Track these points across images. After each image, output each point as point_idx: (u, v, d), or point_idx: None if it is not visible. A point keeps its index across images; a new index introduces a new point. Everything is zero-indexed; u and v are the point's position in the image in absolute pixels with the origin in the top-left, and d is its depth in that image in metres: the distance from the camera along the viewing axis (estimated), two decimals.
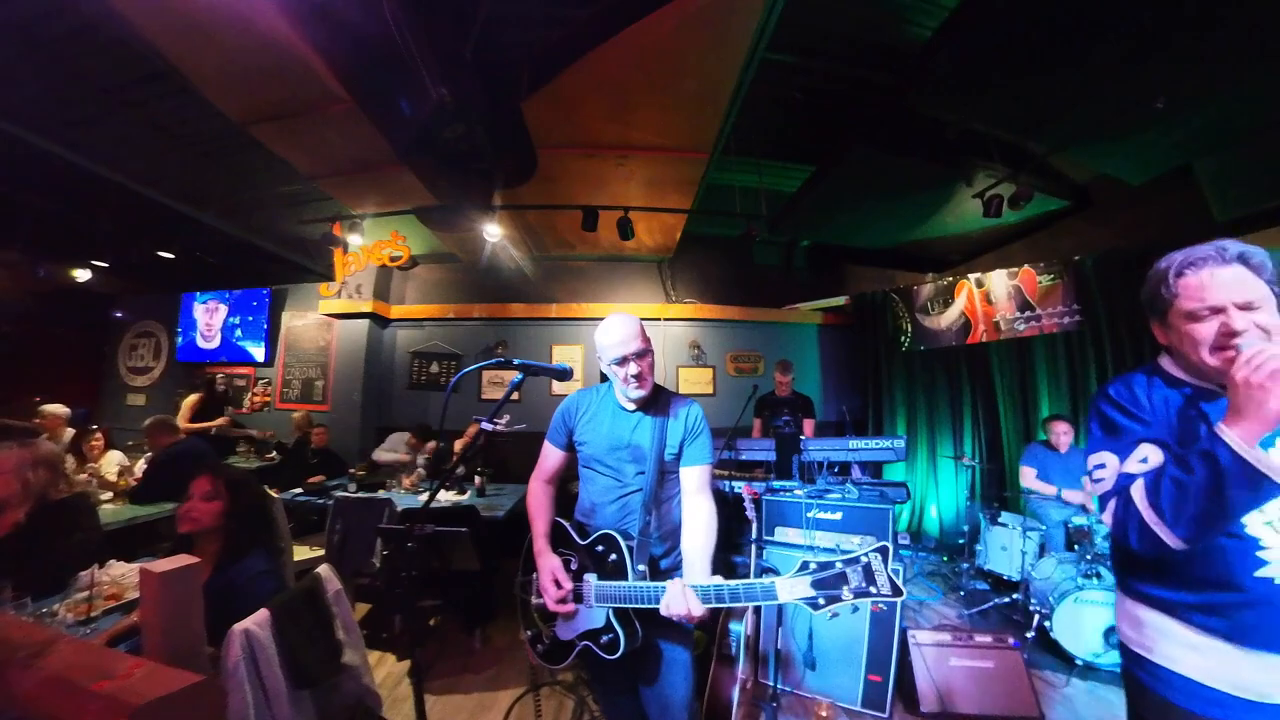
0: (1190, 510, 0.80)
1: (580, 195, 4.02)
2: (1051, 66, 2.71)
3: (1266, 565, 0.85)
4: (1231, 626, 0.87)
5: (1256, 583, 0.85)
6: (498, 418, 1.33)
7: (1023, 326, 4.36)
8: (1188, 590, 0.91)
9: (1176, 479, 0.82)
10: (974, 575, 3.65)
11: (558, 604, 1.33)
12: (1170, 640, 0.93)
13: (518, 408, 5.08)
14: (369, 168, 3.41)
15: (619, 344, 1.36)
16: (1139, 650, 0.99)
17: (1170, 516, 0.82)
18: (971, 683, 2.26)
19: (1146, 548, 0.86)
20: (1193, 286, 0.89)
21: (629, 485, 1.40)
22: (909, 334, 5.10)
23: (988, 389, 4.63)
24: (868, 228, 4.95)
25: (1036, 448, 3.65)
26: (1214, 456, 0.78)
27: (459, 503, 3.20)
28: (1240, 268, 0.87)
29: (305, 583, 1.60)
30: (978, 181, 3.85)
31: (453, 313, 5.49)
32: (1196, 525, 0.81)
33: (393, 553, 2.39)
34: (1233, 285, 0.86)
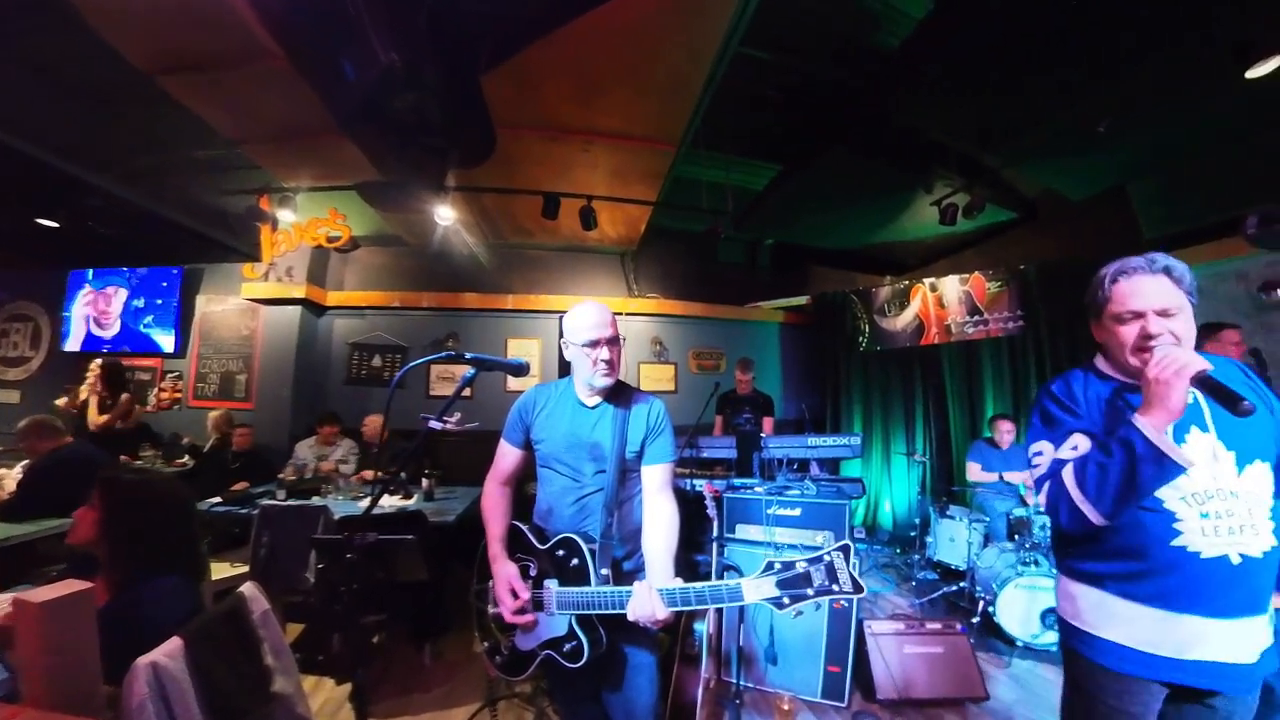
0: (1110, 489, 0.95)
1: (541, 180, 3.91)
2: (1007, 86, 2.94)
3: (1180, 535, 0.99)
4: (1152, 593, 1.01)
5: (1172, 551, 0.99)
6: (448, 416, 1.24)
7: (971, 330, 4.67)
8: (1114, 562, 1.05)
9: (1099, 462, 0.97)
10: (924, 566, 3.90)
11: (515, 614, 1.30)
12: (1100, 611, 1.07)
13: (469, 405, 4.89)
14: (304, 135, 3.14)
15: (593, 326, 1.35)
16: (1074, 622, 1.12)
17: (1094, 495, 0.97)
18: (924, 668, 2.43)
19: (1074, 525, 1.01)
20: (1122, 292, 1.04)
21: (588, 485, 1.38)
22: (867, 334, 5.34)
23: (939, 388, 4.94)
24: (831, 229, 5.14)
25: (981, 444, 3.98)
26: (1130, 442, 0.94)
27: (405, 508, 3.06)
28: (1164, 278, 1.01)
29: (226, 604, 1.45)
30: (936, 189, 4.10)
31: (398, 301, 5.19)
32: (1115, 502, 0.96)
33: (329, 565, 2.24)
34: (1154, 294, 1.01)
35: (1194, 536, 0.98)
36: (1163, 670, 1.00)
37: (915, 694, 2.36)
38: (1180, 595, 0.98)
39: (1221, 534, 0.97)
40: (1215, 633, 0.97)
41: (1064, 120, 3.15)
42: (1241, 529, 0.97)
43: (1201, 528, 0.98)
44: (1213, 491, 0.99)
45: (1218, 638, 0.97)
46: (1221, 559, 0.97)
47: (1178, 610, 0.98)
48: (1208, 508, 0.98)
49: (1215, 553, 0.97)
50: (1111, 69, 2.73)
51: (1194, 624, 0.97)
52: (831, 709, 2.34)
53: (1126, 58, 2.65)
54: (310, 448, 3.96)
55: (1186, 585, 0.98)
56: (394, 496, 3.23)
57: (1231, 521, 0.97)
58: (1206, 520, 0.98)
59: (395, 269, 5.33)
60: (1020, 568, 2.89)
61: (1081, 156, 3.54)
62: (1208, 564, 0.97)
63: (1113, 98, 2.92)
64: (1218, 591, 0.97)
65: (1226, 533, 0.97)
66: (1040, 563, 2.89)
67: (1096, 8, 2.36)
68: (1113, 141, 3.26)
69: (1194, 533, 0.98)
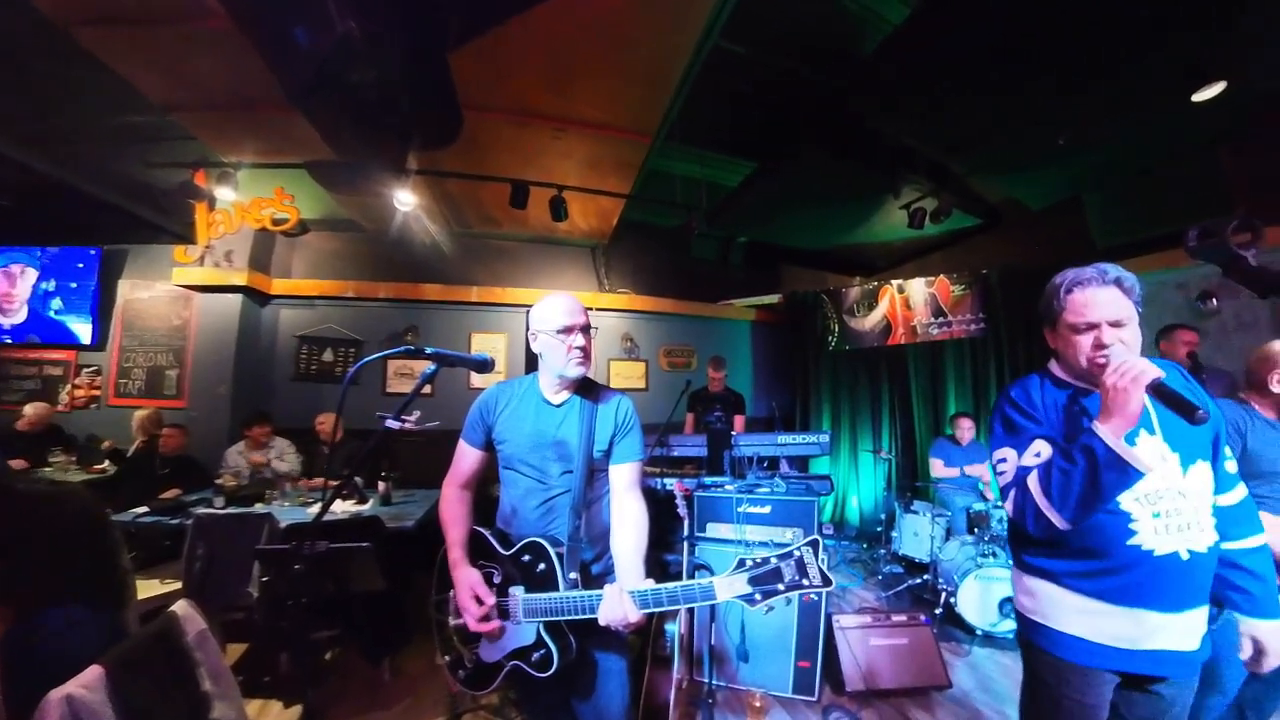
0: (1074, 495, 0.99)
1: (510, 167, 3.80)
2: (975, 97, 3.09)
3: (1135, 535, 1.06)
4: (1109, 589, 1.07)
5: (1129, 550, 1.06)
6: (406, 414, 1.19)
7: (936, 331, 4.89)
8: (1074, 560, 1.11)
9: (1062, 469, 1.02)
10: (890, 560, 4.07)
11: (480, 623, 1.26)
12: (1059, 606, 1.13)
13: (430, 403, 4.72)
14: (248, 106, 2.92)
15: (567, 312, 1.33)
16: (1034, 617, 1.18)
17: (1058, 501, 1.01)
18: (890, 660, 2.54)
19: (1041, 530, 1.06)
20: (1077, 303, 1.09)
21: (554, 487, 1.35)
22: (837, 334, 5.49)
23: (904, 388, 5.14)
24: (803, 229, 5.26)
25: (943, 441, 4.19)
26: (1091, 449, 0.98)
27: (359, 513, 2.92)
28: (1115, 289, 1.07)
29: (155, 626, 1.33)
30: (905, 194, 4.27)
31: (352, 291, 4.93)
32: (1079, 507, 1.00)
33: (275, 578, 2.11)
34: (1107, 305, 1.06)
35: (1148, 535, 1.05)
36: (1120, 661, 1.07)
37: (882, 685, 2.46)
38: (1138, 591, 1.05)
39: (1172, 532, 1.05)
40: (1168, 625, 1.05)
41: (1027, 133, 3.36)
42: (1189, 526, 1.05)
43: (1154, 527, 1.05)
44: (1163, 492, 1.06)
45: (1170, 629, 1.05)
46: (1173, 555, 1.04)
47: (1136, 605, 1.05)
48: (1159, 507, 1.05)
49: (1167, 550, 1.04)
50: (1072, 87, 2.92)
51: (1150, 618, 1.05)
52: (802, 704, 2.40)
53: (1086, 77, 2.84)
54: (240, 453, 3.70)
55: (1143, 581, 1.05)
56: (347, 502, 3.07)
57: (1180, 520, 1.05)
58: (1159, 519, 1.05)
59: (349, 256, 5.05)
60: (979, 559, 3.04)
61: (1042, 168, 3.79)
62: (1161, 561, 1.04)
63: (1072, 114, 3.12)
64: (1171, 586, 1.05)
65: (1177, 530, 1.05)
66: (998, 555, 3.05)
67: (1061, 29, 2.52)
68: (1071, 155, 3.50)
69: (1148, 532, 1.05)
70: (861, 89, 3.28)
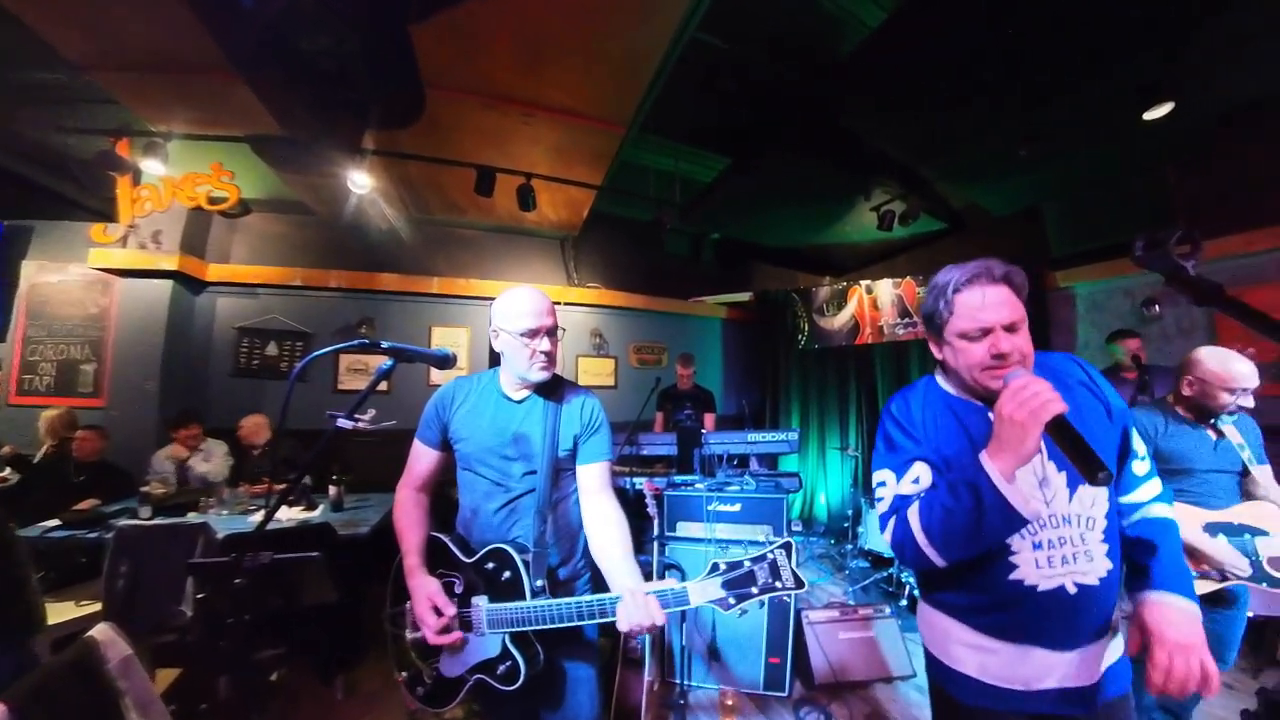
0: (955, 537, 0.91)
1: (475, 152, 3.67)
2: (945, 105, 3.23)
3: (1016, 569, 0.97)
4: (997, 625, 1.00)
5: (1010, 585, 0.97)
6: (360, 413, 1.13)
7: (902, 331, 5.07)
8: (963, 594, 1.04)
9: (946, 507, 0.92)
10: (857, 555, 4.21)
11: (439, 636, 1.21)
12: (954, 641, 1.06)
13: (386, 401, 4.53)
14: (181, 69, 2.67)
15: (533, 313, 1.28)
16: (933, 651, 1.12)
17: (939, 541, 0.93)
18: (858, 652, 2.63)
19: (919, 565, 0.99)
20: (968, 305, 0.97)
21: (516, 488, 1.31)
22: (806, 332, 5.62)
23: (870, 386, 5.32)
24: (776, 227, 5.34)
25: None
26: (977, 489, 0.88)
27: (308, 520, 2.79)
28: (1005, 288, 0.97)
29: (70, 654, 1.21)
30: (876, 196, 4.41)
31: (300, 279, 4.64)
32: (959, 549, 0.93)
33: (212, 594, 1.94)
34: (1000, 306, 0.95)
35: (1029, 570, 0.96)
36: (1015, 701, 0.99)
37: (851, 677, 2.55)
38: (1024, 629, 0.98)
39: (1055, 564, 0.96)
40: (1060, 663, 0.97)
41: (992, 142, 3.54)
42: (1075, 558, 0.96)
43: (1035, 559, 0.96)
44: (1044, 520, 0.97)
45: (1064, 667, 0.97)
46: (1058, 590, 0.96)
47: (1024, 643, 0.98)
48: (1040, 538, 0.97)
49: (1051, 585, 0.96)
50: (1035, 101, 3.10)
51: (1040, 656, 0.97)
52: (774, 700, 2.45)
53: (1049, 92, 3.03)
54: (169, 456, 3.42)
55: (1028, 619, 0.97)
56: (294, 508, 2.89)
57: (1065, 550, 0.96)
58: (1039, 551, 0.96)
59: (297, 241, 4.75)
60: None
61: (1005, 177, 4.01)
62: (1045, 596, 0.96)
63: (1035, 127, 3.32)
64: (1058, 624, 0.96)
65: (1060, 562, 0.96)
66: None
67: (1026, 45, 2.67)
68: (1032, 165, 3.71)
69: (1028, 565, 0.97)
70: (837, 90, 3.36)
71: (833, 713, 2.35)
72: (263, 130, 3.22)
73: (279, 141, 3.34)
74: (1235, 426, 1.80)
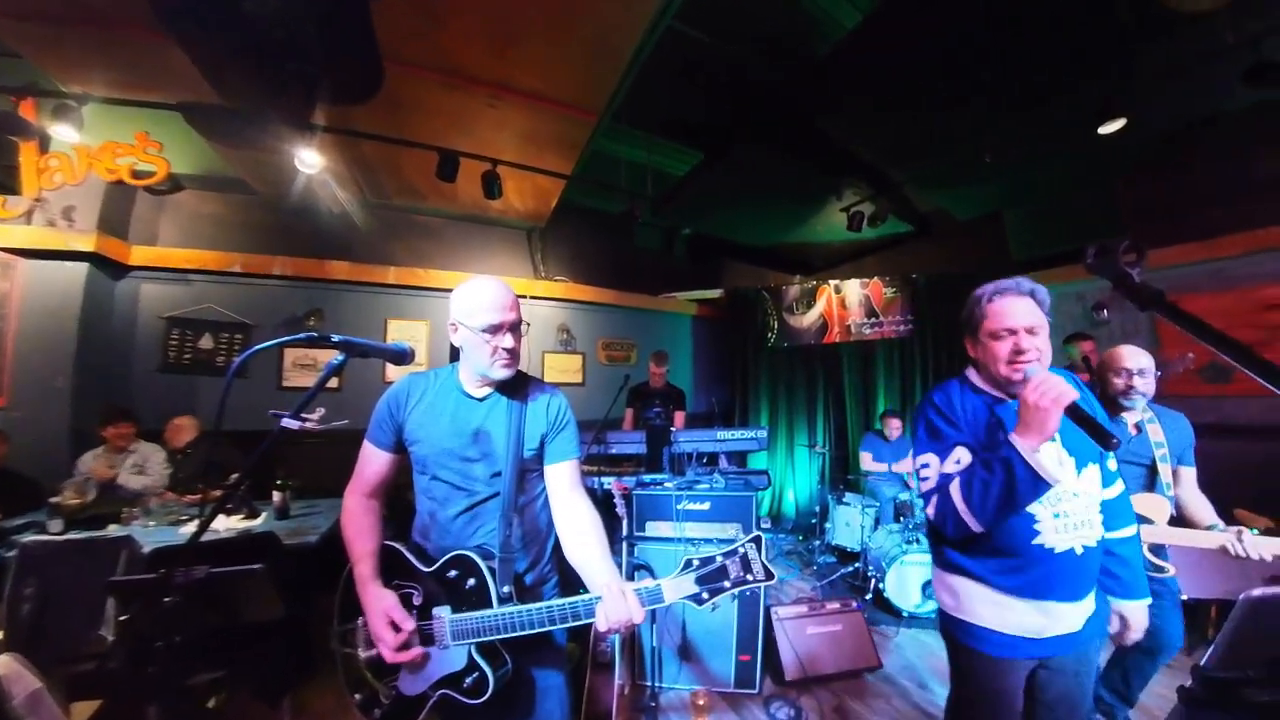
0: (992, 504, 1.11)
1: (438, 134, 3.50)
2: (915, 110, 3.35)
3: (1039, 535, 1.20)
4: (1021, 584, 1.21)
5: (1034, 549, 1.20)
6: (307, 412, 1.06)
7: (868, 331, 5.24)
8: (989, 560, 1.25)
9: (983, 479, 1.12)
10: (824, 550, 4.33)
11: (398, 653, 1.15)
12: (977, 600, 1.27)
13: (337, 399, 4.27)
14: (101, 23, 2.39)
15: (495, 308, 1.22)
16: (956, 614, 1.31)
17: (978, 509, 1.13)
18: (826, 646, 2.71)
19: (958, 533, 1.19)
20: (997, 311, 1.22)
21: (479, 492, 1.26)
22: (776, 330, 5.71)
23: (838, 384, 5.47)
24: (748, 224, 5.40)
25: (871, 436, 4.54)
26: (1009, 463, 1.09)
27: (250, 529, 2.59)
28: (1030, 300, 1.22)
29: None
30: (846, 197, 4.50)
31: (239, 265, 4.30)
32: (995, 515, 1.13)
33: (138, 615, 1.77)
34: (1024, 313, 1.19)
35: (1049, 535, 1.20)
36: (1031, 649, 1.23)
37: (819, 671, 2.62)
38: (1043, 585, 1.20)
39: (1069, 530, 1.20)
40: (1067, 613, 1.22)
41: (959, 149, 3.70)
42: (1082, 524, 1.21)
43: (1055, 526, 1.20)
44: (1061, 494, 1.20)
45: (1069, 616, 1.22)
46: (1069, 552, 1.20)
47: (1042, 598, 1.20)
48: (1059, 508, 1.20)
49: (1065, 547, 1.20)
50: (1000, 112, 3.28)
51: (1053, 608, 1.21)
52: (745, 698, 2.48)
53: (1013, 104, 3.20)
54: (99, 457, 3.11)
55: (1047, 576, 1.20)
56: (233, 517, 2.67)
57: (1075, 519, 1.21)
58: (1058, 520, 1.20)
59: (236, 223, 4.39)
60: (905, 546, 3.31)
61: (969, 183, 4.22)
62: (1061, 557, 1.19)
63: (999, 136, 3.49)
64: (1069, 579, 1.21)
65: (1073, 529, 1.20)
66: (920, 541, 3.34)
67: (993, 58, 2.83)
68: (994, 173, 3.90)
69: (1049, 531, 1.20)
70: (813, 90, 3.41)
71: (802, 707, 2.40)
72: (197, 98, 2.94)
73: (216, 111, 3.06)
74: (1160, 425, 1.97)
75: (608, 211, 5.07)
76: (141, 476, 3.12)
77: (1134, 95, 3.09)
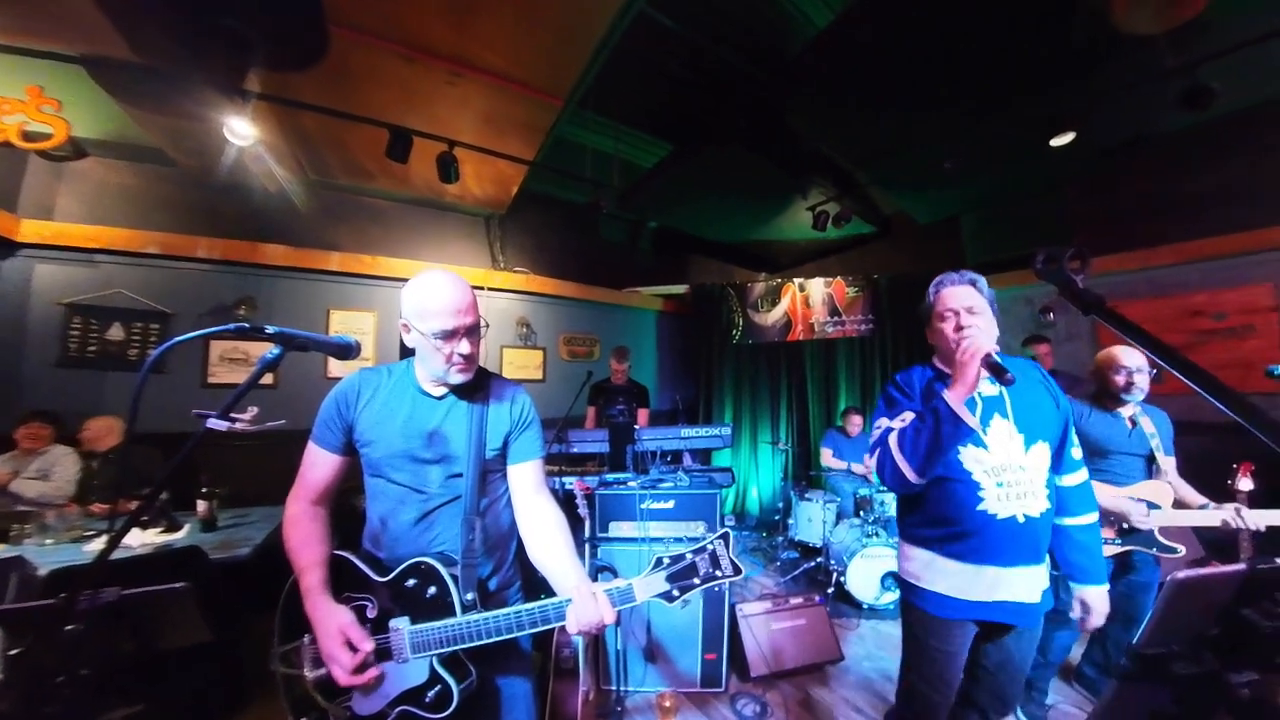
0: (921, 447, 1.27)
1: (389, 109, 3.30)
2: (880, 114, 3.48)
3: (983, 501, 1.34)
4: (964, 550, 1.36)
5: (978, 515, 1.34)
6: (237, 411, 0.99)
7: (831, 329, 5.39)
8: (938, 528, 1.40)
9: (915, 427, 1.31)
10: (787, 546, 4.41)
11: (354, 675, 1.08)
12: (929, 568, 1.42)
13: (273, 397, 3.97)
14: None
15: (450, 312, 1.15)
16: (912, 580, 1.47)
17: (909, 453, 1.29)
18: (790, 641, 2.77)
19: (895, 483, 1.35)
20: (944, 297, 1.44)
21: (436, 496, 1.22)
22: (740, 327, 5.77)
23: (800, 382, 5.59)
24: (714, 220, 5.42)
25: (833, 432, 4.67)
26: (936, 410, 1.27)
27: (170, 544, 2.35)
28: (970, 288, 1.42)
29: None
30: (812, 196, 4.59)
31: (156, 245, 3.87)
32: (924, 459, 1.28)
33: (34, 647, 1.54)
34: (965, 296, 1.40)
35: (992, 502, 1.34)
36: (974, 611, 1.36)
37: (784, 666, 2.68)
38: (983, 550, 1.34)
39: (1012, 499, 1.34)
40: (1009, 578, 1.34)
41: (921, 154, 3.85)
42: (1025, 495, 1.35)
43: (998, 495, 1.34)
44: (1006, 465, 1.35)
45: (1011, 582, 1.34)
46: (1011, 519, 1.33)
47: (982, 563, 1.34)
48: (1002, 478, 1.35)
49: (1007, 514, 1.33)
50: (960, 120, 3.43)
51: (994, 572, 1.34)
52: (711, 696, 2.51)
53: (972, 113, 3.35)
54: (8, 461, 2.75)
55: (988, 541, 1.34)
56: (149, 530, 2.41)
57: (1019, 489, 1.34)
58: (1001, 489, 1.34)
59: (152, 198, 3.96)
60: (865, 540, 3.42)
61: (930, 188, 4.41)
62: (1002, 523, 1.33)
63: (959, 144, 3.65)
64: (1009, 545, 1.34)
65: (1016, 498, 1.34)
66: (880, 534, 3.46)
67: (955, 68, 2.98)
68: (953, 180, 4.07)
69: (992, 499, 1.34)
70: (783, 88, 3.45)
71: (768, 702, 2.45)
72: (106, 51, 2.62)
73: (129, 68, 2.73)
74: (1150, 419, 2.18)
75: (571, 201, 4.95)
76: (38, 483, 2.77)
77: (1084, 111, 3.29)
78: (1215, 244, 3.60)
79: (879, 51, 2.95)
